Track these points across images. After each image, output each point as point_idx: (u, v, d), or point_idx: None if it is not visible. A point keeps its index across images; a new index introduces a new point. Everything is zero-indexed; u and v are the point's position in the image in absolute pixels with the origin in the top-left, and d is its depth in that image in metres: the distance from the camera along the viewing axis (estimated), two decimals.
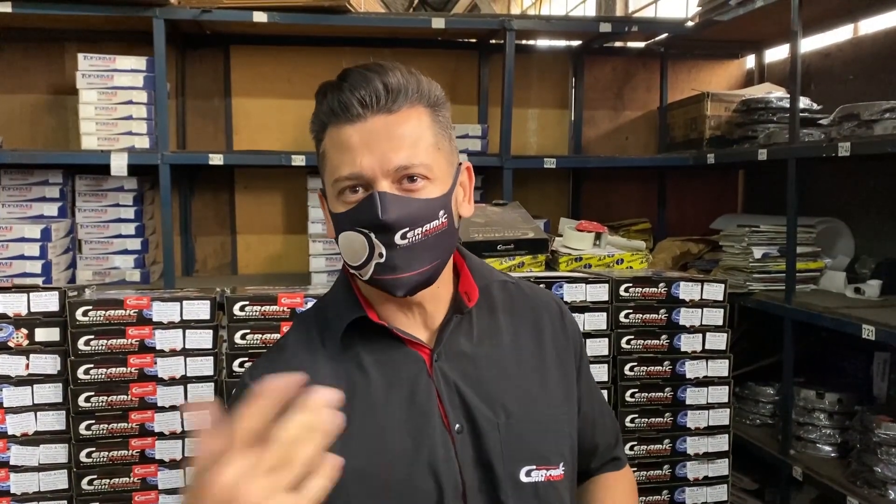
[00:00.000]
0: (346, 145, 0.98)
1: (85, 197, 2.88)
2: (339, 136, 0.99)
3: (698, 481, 2.17)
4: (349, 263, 1.02)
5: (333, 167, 1.00)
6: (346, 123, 0.99)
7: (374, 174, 0.98)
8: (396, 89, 0.99)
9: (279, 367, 1.05)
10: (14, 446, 1.95)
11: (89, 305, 1.94)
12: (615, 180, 3.64)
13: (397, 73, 1.00)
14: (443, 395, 1.04)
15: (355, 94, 0.98)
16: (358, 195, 0.99)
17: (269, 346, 2.00)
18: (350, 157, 0.98)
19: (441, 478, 1.01)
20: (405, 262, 0.99)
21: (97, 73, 2.73)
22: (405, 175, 0.99)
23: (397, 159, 0.98)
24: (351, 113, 0.98)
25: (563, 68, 3.60)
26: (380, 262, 0.99)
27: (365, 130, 0.98)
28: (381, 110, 0.98)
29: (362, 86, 0.98)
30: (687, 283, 2.15)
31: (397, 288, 1.00)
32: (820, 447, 2.59)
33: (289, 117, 3.30)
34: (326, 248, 2.92)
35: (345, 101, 0.98)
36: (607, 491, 1.25)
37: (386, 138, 0.98)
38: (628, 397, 2.11)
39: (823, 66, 3.20)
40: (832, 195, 3.12)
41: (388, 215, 0.97)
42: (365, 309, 1.06)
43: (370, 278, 1.01)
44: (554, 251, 2.53)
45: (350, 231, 1.00)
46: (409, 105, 1.00)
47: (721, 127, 3.24)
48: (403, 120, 0.99)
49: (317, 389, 0.64)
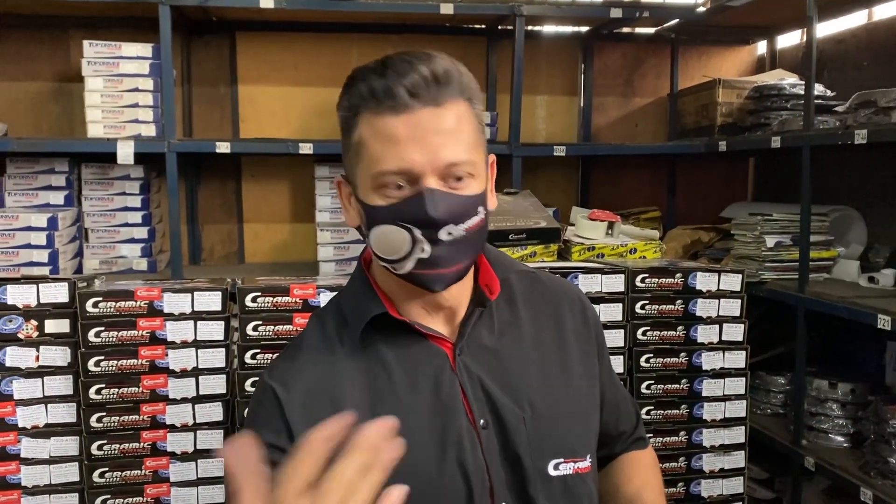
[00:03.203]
0: (392, 137, 0.94)
1: (91, 185, 2.85)
2: (382, 126, 0.94)
3: (714, 473, 2.16)
4: (383, 256, 0.99)
5: (374, 159, 0.96)
6: (389, 113, 0.94)
7: (423, 170, 0.94)
8: (444, 80, 0.95)
9: (299, 368, 1.04)
10: (25, 439, 1.94)
11: (99, 297, 1.92)
12: (624, 168, 3.61)
13: (444, 62, 0.96)
14: (467, 390, 1.02)
15: (402, 83, 0.93)
16: (403, 191, 0.96)
17: (280, 337, 1.98)
18: (396, 150, 0.94)
19: (469, 474, 0.99)
20: (447, 257, 0.97)
21: (103, 60, 2.69)
22: (452, 172, 0.96)
23: (447, 156, 0.94)
24: (396, 102, 0.93)
25: (572, 55, 3.56)
26: (422, 256, 0.96)
27: (412, 123, 0.93)
28: (429, 102, 0.94)
29: (409, 73, 0.93)
30: (704, 273, 2.13)
31: (436, 283, 0.98)
32: (832, 437, 2.57)
33: (295, 105, 3.27)
34: (334, 237, 2.90)
35: (391, 88, 0.93)
36: (634, 468, 1.26)
37: (433, 133, 0.94)
38: (644, 389, 2.10)
39: (837, 53, 3.16)
40: (844, 183, 3.08)
41: (439, 213, 0.94)
42: (385, 304, 1.04)
43: (408, 272, 0.98)
44: (566, 240, 2.51)
45: (391, 225, 0.96)
46: (453, 98, 0.96)
47: (733, 114, 3.21)
48: (450, 114, 0.95)
49: (371, 425, 0.61)
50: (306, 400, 1.00)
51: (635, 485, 1.23)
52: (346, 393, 1.01)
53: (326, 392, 1.01)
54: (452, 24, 3.33)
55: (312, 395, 1.01)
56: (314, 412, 0.99)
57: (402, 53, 0.97)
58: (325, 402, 1.00)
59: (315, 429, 0.60)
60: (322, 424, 0.61)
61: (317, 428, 0.60)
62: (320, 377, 1.02)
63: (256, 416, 1.04)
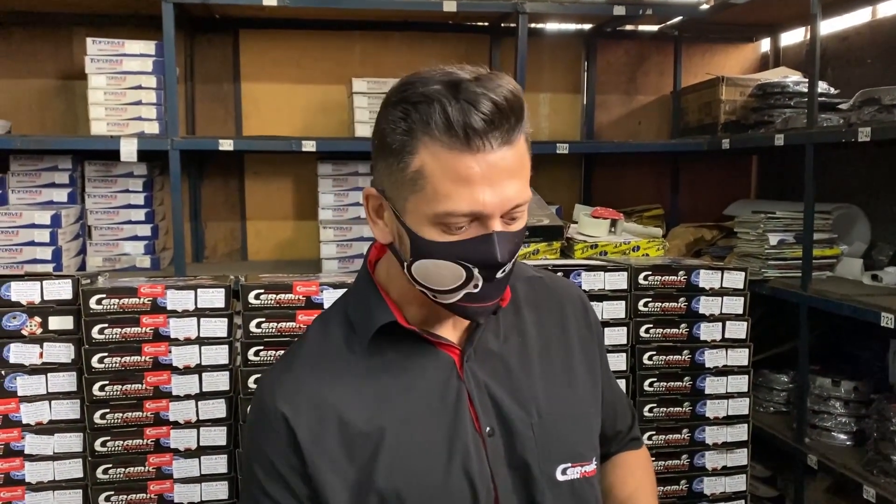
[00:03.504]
0: (465, 177, 0.88)
1: (94, 183, 2.86)
2: (454, 164, 0.88)
3: (717, 471, 2.15)
4: (431, 287, 0.95)
5: (442, 196, 0.89)
6: (463, 149, 0.87)
7: (493, 213, 0.90)
8: (517, 114, 0.89)
9: (294, 379, 1.02)
10: (28, 435, 1.94)
11: (103, 293, 1.92)
12: (627, 166, 3.61)
13: (513, 88, 0.89)
14: (473, 397, 1.02)
15: (481, 117, 0.86)
16: (468, 231, 0.91)
17: (283, 333, 1.98)
18: (469, 192, 0.88)
19: (476, 483, 0.99)
20: (496, 292, 0.97)
21: (106, 57, 2.69)
22: (514, 212, 0.93)
23: (516, 198, 0.91)
24: (472, 139, 0.86)
25: (575, 52, 3.56)
26: (472, 292, 0.94)
27: (487, 163, 0.88)
28: (504, 141, 0.88)
29: (488, 108, 0.86)
30: (707, 271, 2.12)
31: (481, 314, 0.98)
32: (835, 435, 2.57)
33: (299, 102, 3.27)
34: (337, 235, 2.90)
35: (470, 124, 0.86)
36: (629, 469, 1.26)
37: (507, 174, 0.89)
38: (647, 387, 2.10)
39: (841, 50, 3.16)
40: (848, 181, 3.08)
41: (504, 256, 0.92)
42: (392, 311, 1.02)
43: (452, 304, 0.96)
44: (569, 238, 2.51)
45: (447, 262, 0.92)
46: (522, 132, 0.91)
47: (736, 112, 3.20)
48: (518, 151, 0.91)
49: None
50: (313, 420, 0.99)
51: (630, 487, 1.23)
52: (352, 404, 1.00)
53: (333, 408, 1.00)
54: (455, 21, 3.33)
55: (320, 412, 1.00)
56: (322, 433, 0.99)
57: (477, 78, 0.89)
58: (333, 419, 0.99)
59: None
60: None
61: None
62: (326, 390, 1.01)
63: (267, 443, 1.01)
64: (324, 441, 0.99)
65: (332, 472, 0.98)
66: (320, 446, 0.98)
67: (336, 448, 0.99)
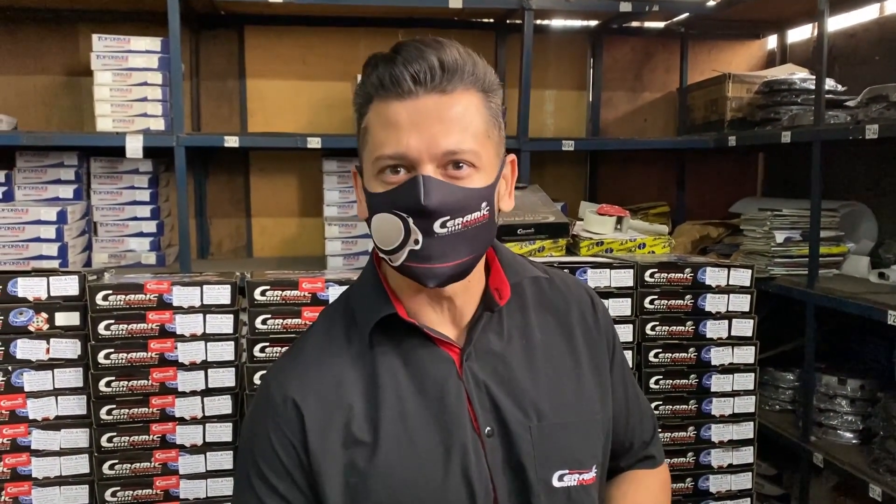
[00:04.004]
0: (393, 122, 0.93)
1: (100, 179, 2.86)
2: (385, 112, 0.94)
3: (722, 469, 2.15)
4: (380, 247, 0.97)
5: (376, 144, 0.95)
6: (394, 99, 0.93)
7: (419, 156, 0.92)
8: (452, 68, 0.93)
9: (301, 370, 1.02)
10: (35, 430, 1.94)
11: (109, 290, 1.93)
12: (633, 163, 3.60)
13: (454, 51, 0.94)
14: (472, 397, 1.00)
15: (409, 69, 0.92)
16: (399, 176, 0.94)
17: (289, 330, 1.98)
18: (396, 135, 0.92)
19: (474, 484, 0.98)
20: (441, 252, 0.94)
21: (112, 54, 2.70)
22: (452, 161, 0.93)
23: (446, 143, 0.92)
24: (402, 88, 0.92)
25: (581, 49, 3.55)
26: (414, 248, 0.94)
27: (415, 109, 0.92)
28: (435, 89, 0.92)
29: (417, 60, 0.92)
30: (713, 268, 2.12)
31: (429, 278, 0.95)
32: (841, 434, 2.57)
33: (304, 99, 3.27)
34: (342, 232, 2.90)
35: (397, 74, 0.92)
36: (634, 486, 1.19)
37: (436, 119, 0.92)
38: (653, 384, 2.09)
39: (848, 47, 3.14)
40: (854, 178, 3.07)
41: (431, 201, 0.91)
42: (394, 303, 1.02)
43: (401, 265, 0.96)
44: (575, 235, 2.50)
45: (386, 213, 0.94)
46: (463, 87, 0.94)
47: (742, 109, 3.19)
48: (456, 102, 0.94)
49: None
50: (319, 412, 0.99)
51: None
52: (353, 399, 1.00)
53: (336, 403, 0.99)
54: (461, 17, 3.32)
55: (325, 406, 0.99)
56: (327, 426, 0.99)
57: (415, 40, 0.95)
58: (336, 413, 0.99)
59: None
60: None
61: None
62: (329, 385, 1.00)
63: (272, 429, 1.00)
64: (328, 434, 0.98)
65: (331, 466, 0.98)
66: (324, 439, 0.98)
67: (337, 442, 0.98)
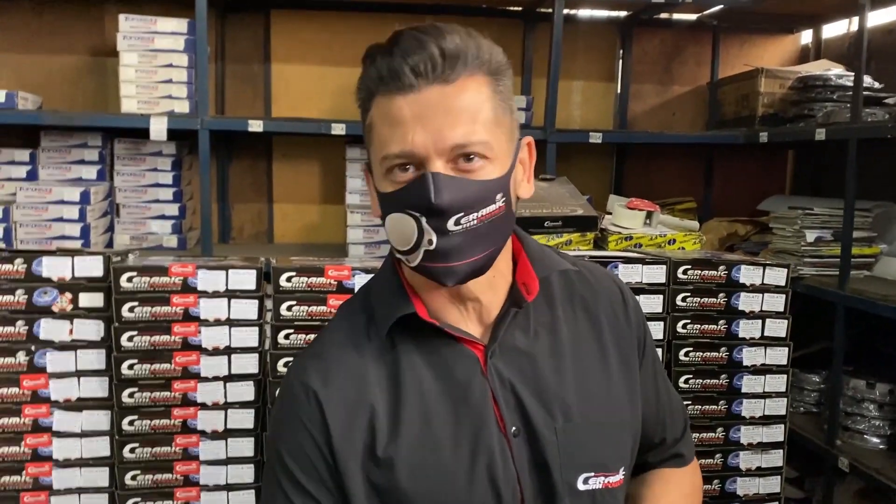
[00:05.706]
0: (397, 119, 0.89)
1: (123, 161, 2.84)
2: (388, 108, 0.89)
3: (751, 472, 2.11)
4: (396, 248, 0.94)
5: (381, 142, 0.91)
6: (396, 93, 0.89)
7: (426, 152, 0.88)
8: (454, 55, 0.88)
9: (325, 367, 0.99)
10: (57, 411, 1.94)
11: (134, 272, 1.91)
12: (660, 157, 3.54)
13: (455, 36, 0.89)
14: (498, 396, 0.97)
15: (408, 61, 0.87)
16: (408, 174, 0.90)
17: (314, 318, 1.96)
18: (401, 132, 0.88)
19: (500, 486, 0.95)
20: (457, 249, 0.90)
21: (138, 35, 2.67)
22: (461, 154, 0.89)
23: (453, 136, 0.88)
24: (402, 82, 0.88)
25: (610, 40, 3.49)
26: (429, 249, 0.90)
27: (418, 103, 0.88)
28: (437, 80, 0.88)
29: (416, 51, 0.87)
30: (748, 266, 2.07)
31: (447, 277, 0.91)
32: (868, 438, 2.52)
33: (329, 85, 3.24)
34: (364, 220, 2.87)
35: (396, 68, 0.88)
36: (663, 485, 1.16)
37: (442, 112, 0.88)
38: (682, 383, 2.05)
39: (885, 43, 3.07)
40: (886, 178, 3.00)
41: (442, 199, 0.87)
42: (413, 302, 0.98)
43: (418, 265, 0.92)
44: (603, 229, 2.46)
45: (398, 213, 0.91)
46: (467, 73, 0.89)
47: (775, 104, 3.13)
48: (461, 91, 0.89)
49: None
50: (342, 409, 0.97)
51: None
52: (376, 399, 0.97)
53: (359, 403, 0.97)
54: (489, 5, 3.28)
55: (348, 403, 0.97)
56: (351, 424, 0.96)
57: (413, 28, 0.90)
58: (360, 412, 0.97)
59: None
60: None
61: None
62: (352, 382, 0.98)
63: (296, 424, 0.98)
64: (351, 433, 0.96)
65: (354, 465, 0.95)
66: (347, 438, 0.96)
67: (360, 441, 0.96)
